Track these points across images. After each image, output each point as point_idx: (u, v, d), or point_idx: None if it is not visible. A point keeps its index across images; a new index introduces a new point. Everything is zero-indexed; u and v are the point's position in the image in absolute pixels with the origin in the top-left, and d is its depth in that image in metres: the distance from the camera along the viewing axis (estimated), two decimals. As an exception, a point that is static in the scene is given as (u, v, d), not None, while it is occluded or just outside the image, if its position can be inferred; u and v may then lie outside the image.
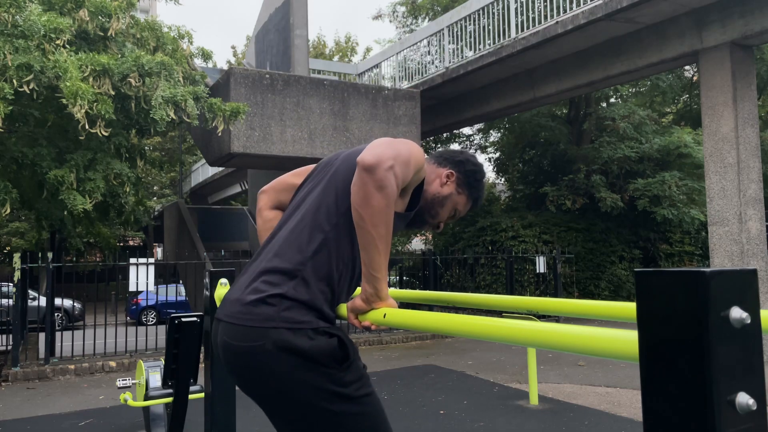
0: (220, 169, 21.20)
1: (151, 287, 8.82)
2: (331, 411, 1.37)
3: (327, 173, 1.61)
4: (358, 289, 1.51)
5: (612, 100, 17.35)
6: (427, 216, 1.71)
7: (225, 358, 1.46)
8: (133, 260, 8.50)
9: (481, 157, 20.72)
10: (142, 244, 28.20)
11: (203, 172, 26.26)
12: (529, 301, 1.57)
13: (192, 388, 3.10)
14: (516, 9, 10.69)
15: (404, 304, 1.98)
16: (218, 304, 2.14)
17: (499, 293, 13.32)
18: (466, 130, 20.22)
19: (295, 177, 1.83)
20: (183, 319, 2.80)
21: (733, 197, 8.20)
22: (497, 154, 19.75)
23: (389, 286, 1.41)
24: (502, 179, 20.06)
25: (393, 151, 1.39)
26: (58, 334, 8.72)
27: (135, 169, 8.42)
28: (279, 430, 1.47)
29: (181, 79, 7.71)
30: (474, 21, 11.73)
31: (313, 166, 1.78)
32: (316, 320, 1.41)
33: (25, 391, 6.91)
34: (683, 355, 0.59)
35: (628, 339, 0.70)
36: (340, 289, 1.50)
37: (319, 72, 15.48)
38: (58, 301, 12.02)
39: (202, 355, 2.57)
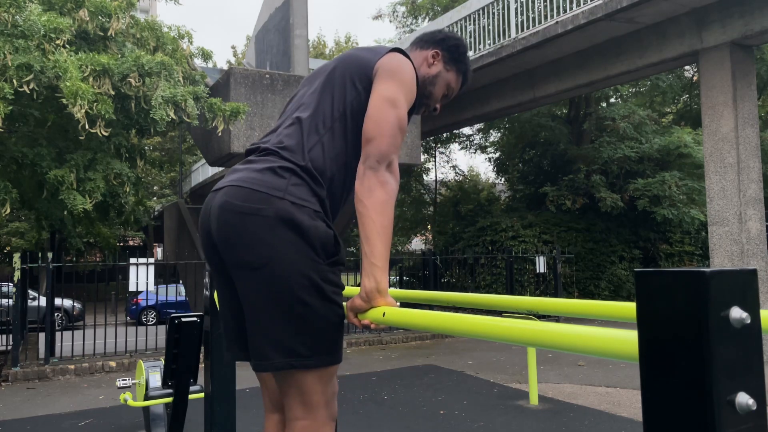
0: (220, 169, 21.17)
1: (151, 287, 8.82)
2: (301, 299, 1.38)
3: (323, 73, 1.65)
4: (357, 289, 1.51)
5: (612, 100, 17.35)
6: (423, 99, 1.75)
7: (220, 217, 1.44)
8: (133, 260, 8.50)
9: (481, 157, 20.72)
10: (142, 244, 28.20)
11: (203, 172, 26.24)
12: (529, 301, 1.57)
13: (192, 388, 3.10)
14: (516, 9, 10.69)
15: (404, 304, 1.98)
16: (218, 304, 2.14)
17: (499, 293, 13.32)
18: (466, 130, 20.23)
19: None
20: (183, 319, 2.80)
21: (733, 197, 8.20)
22: (497, 154, 19.76)
23: (389, 286, 1.41)
24: (502, 179, 20.06)
25: (395, 138, 1.45)
26: (58, 334, 8.72)
27: (135, 169, 8.42)
28: (244, 303, 1.44)
29: (181, 79, 7.71)
30: (474, 21, 11.73)
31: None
32: (318, 205, 1.45)
33: (25, 391, 6.91)
34: (683, 355, 0.59)
35: (628, 339, 0.70)
36: (333, 192, 1.53)
37: (319, 72, 15.46)
38: (58, 301, 12.02)
39: (202, 355, 2.57)
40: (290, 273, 1.37)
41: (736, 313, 0.59)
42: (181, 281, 13.06)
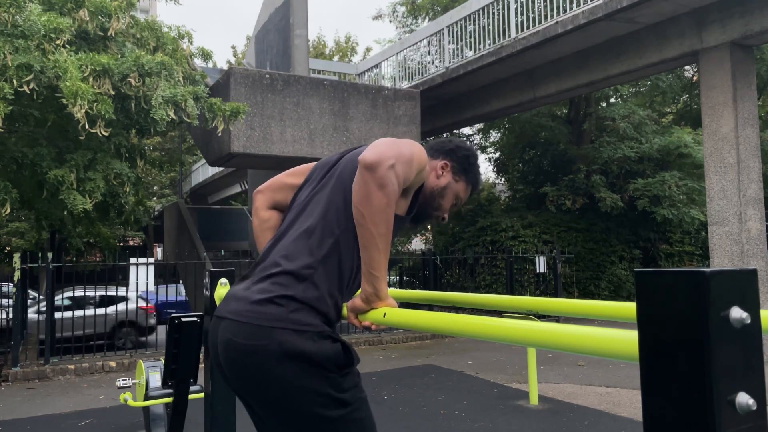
0: (220, 169, 21.19)
1: (151, 287, 8.82)
2: (327, 417, 1.37)
3: (333, 174, 1.61)
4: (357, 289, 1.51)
5: (612, 100, 17.34)
6: (430, 210, 1.72)
7: (226, 356, 1.44)
8: (133, 260, 8.50)
9: (481, 157, 20.70)
10: (142, 244, 28.19)
11: (203, 172, 26.26)
12: (529, 301, 1.57)
13: (192, 388, 3.10)
14: (516, 9, 10.69)
15: (404, 304, 1.98)
16: (218, 304, 2.14)
17: (499, 293, 13.33)
18: (466, 130, 20.21)
19: (290, 177, 1.82)
20: (183, 319, 2.79)
21: (733, 197, 8.20)
22: (497, 154, 19.75)
23: (389, 286, 1.40)
24: (502, 179, 20.06)
25: (395, 151, 1.39)
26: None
27: (135, 169, 8.42)
28: (273, 430, 1.46)
29: (181, 79, 7.71)
30: (474, 21, 11.73)
31: (310, 165, 1.78)
32: (322, 324, 1.41)
33: (25, 391, 6.91)
34: (683, 355, 0.59)
35: (628, 339, 0.70)
36: (347, 293, 1.51)
37: (319, 72, 15.48)
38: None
39: (202, 355, 2.57)
40: (308, 397, 1.37)
41: (736, 313, 0.59)
42: (181, 281, 13.07)
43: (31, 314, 9.63)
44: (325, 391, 1.37)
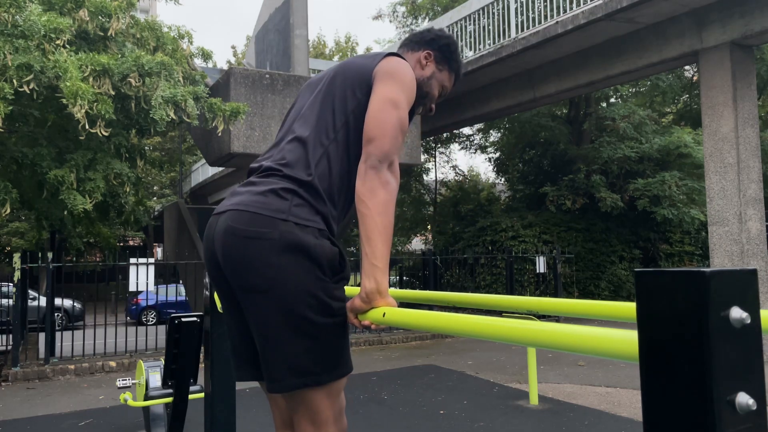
0: (220, 169, 21.20)
1: (151, 287, 8.82)
2: (310, 319, 1.39)
3: (324, 84, 1.64)
4: (357, 289, 1.51)
5: (612, 100, 17.34)
6: (419, 100, 1.75)
7: (225, 242, 1.44)
8: (133, 260, 8.50)
9: (481, 157, 20.71)
10: (142, 244, 28.20)
11: (203, 172, 26.25)
12: (529, 301, 1.57)
13: (192, 388, 3.10)
14: (516, 9, 10.69)
15: (404, 304, 1.98)
16: (218, 304, 2.14)
17: (499, 293, 13.33)
18: (466, 130, 20.23)
19: None
20: (183, 319, 2.80)
21: (733, 197, 8.20)
22: (497, 154, 19.75)
23: (389, 285, 1.41)
24: (502, 179, 20.06)
25: (398, 139, 1.45)
26: (58, 334, 8.72)
27: (135, 169, 8.42)
28: (252, 325, 1.45)
29: (181, 79, 7.71)
30: (474, 21, 11.73)
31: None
32: (322, 223, 1.45)
33: (25, 391, 6.91)
34: (683, 355, 0.59)
35: (628, 339, 0.70)
36: (339, 205, 1.54)
37: (319, 72, 15.48)
38: (58, 301, 12.01)
39: (202, 355, 2.57)
40: (298, 294, 1.38)
41: (736, 313, 0.59)
42: (181, 281, 13.06)
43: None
44: (315, 293, 1.39)
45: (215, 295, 2.18)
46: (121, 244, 26.39)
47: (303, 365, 1.40)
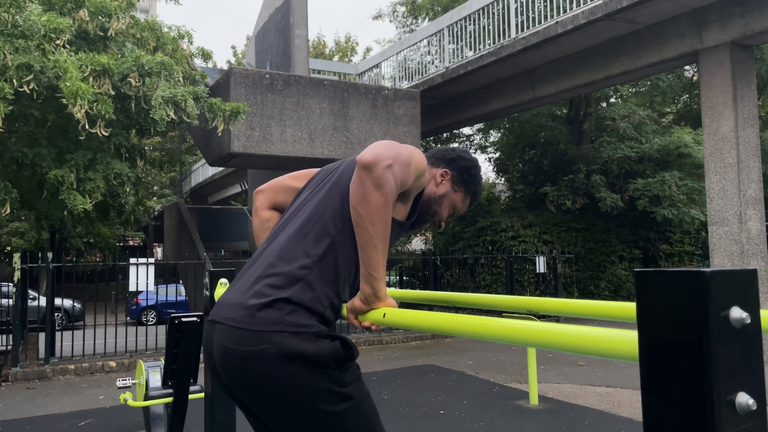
0: (220, 169, 21.20)
1: (151, 287, 8.82)
2: (333, 412, 1.37)
3: (331, 177, 1.61)
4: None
5: (612, 100, 17.35)
6: (426, 216, 1.72)
7: (223, 364, 1.42)
8: (133, 260, 8.50)
9: (481, 157, 20.72)
10: (142, 244, 28.21)
11: (203, 172, 26.26)
12: (529, 301, 1.57)
13: (192, 388, 3.10)
14: (516, 9, 10.69)
15: (404, 304, 1.98)
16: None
17: (499, 293, 13.33)
18: (466, 130, 20.23)
19: (293, 180, 1.82)
20: (183, 319, 2.79)
21: (733, 197, 8.20)
22: (497, 154, 19.76)
23: (389, 285, 1.40)
24: (502, 179, 20.06)
25: (392, 152, 1.39)
26: (58, 334, 8.72)
27: (135, 169, 8.42)
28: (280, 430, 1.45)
29: (181, 79, 7.71)
30: (474, 21, 11.73)
31: (314, 170, 1.78)
32: (319, 324, 1.40)
33: (25, 391, 6.91)
34: (683, 355, 0.59)
35: (628, 339, 0.70)
36: (344, 293, 1.50)
37: (319, 72, 15.48)
38: (58, 301, 12.02)
39: (202, 355, 2.57)
40: (311, 396, 1.36)
41: (736, 313, 0.59)
42: (181, 281, 13.06)
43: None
44: (327, 387, 1.37)
45: (215, 296, 2.18)
46: (121, 244, 26.39)
47: None
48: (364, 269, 1.38)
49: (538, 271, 12.40)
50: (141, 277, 8.46)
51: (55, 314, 9.49)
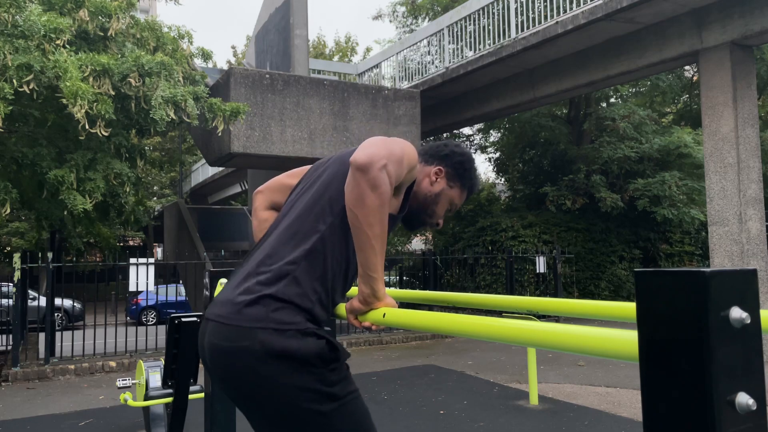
0: (220, 169, 21.19)
1: (151, 287, 8.82)
2: (319, 411, 1.37)
3: (321, 174, 1.61)
4: (355, 289, 1.51)
5: (612, 100, 17.34)
6: (424, 216, 1.71)
7: (211, 359, 1.44)
8: (133, 260, 8.50)
9: (481, 157, 20.72)
10: (142, 244, 28.20)
11: (203, 172, 26.25)
12: (529, 301, 1.57)
13: (192, 388, 3.10)
14: (516, 9, 10.69)
15: (404, 304, 1.98)
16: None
17: (499, 293, 13.33)
18: (466, 130, 20.22)
19: (290, 178, 1.82)
20: (183, 319, 2.79)
21: (733, 197, 8.20)
22: (497, 154, 19.75)
23: (388, 286, 1.40)
24: (502, 179, 20.06)
25: (386, 150, 1.39)
26: (58, 334, 8.72)
27: (135, 169, 8.41)
28: (265, 430, 1.44)
29: (181, 79, 7.70)
30: (474, 21, 11.73)
31: (308, 167, 1.78)
32: (305, 321, 1.40)
33: (25, 391, 6.91)
34: (683, 355, 0.59)
35: (628, 339, 0.70)
36: (334, 289, 1.49)
37: (319, 72, 15.48)
38: (58, 301, 12.02)
39: (202, 355, 2.56)
40: (295, 393, 1.36)
41: (736, 313, 0.59)
42: (181, 281, 13.06)
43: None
44: (313, 387, 1.37)
45: (215, 296, 2.18)
46: (121, 244, 26.38)
47: None
48: (363, 270, 1.37)
49: (538, 271, 12.40)
50: (141, 277, 8.46)
51: (55, 314, 9.49)
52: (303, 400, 1.36)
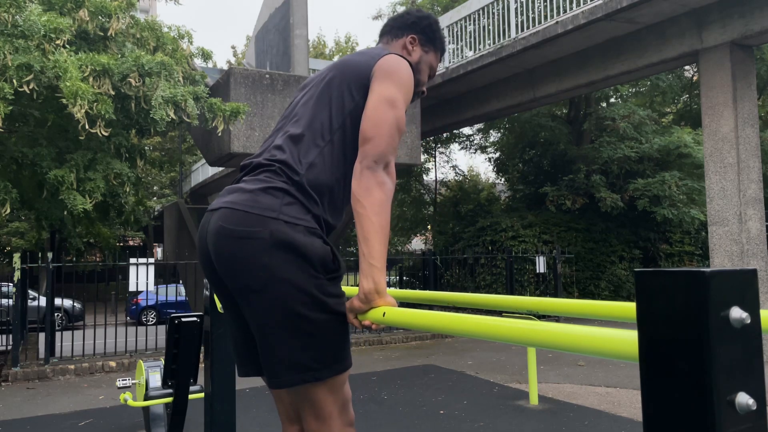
0: (220, 169, 21.18)
1: (151, 287, 8.82)
2: (306, 316, 1.39)
3: (323, 81, 1.63)
4: (355, 289, 1.51)
5: (612, 100, 17.34)
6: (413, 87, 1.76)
7: (217, 243, 1.44)
8: (133, 260, 8.50)
9: (480, 157, 20.71)
10: (142, 244, 28.20)
11: (203, 172, 26.23)
12: (529, 301, 1.57)
13: (192, 388, 3.10)
14: (516, 9, 10.69)
15: (404, 304, 1.98)
16: (218, 304, 2.14)
17: (499, 293, 13.33)
18: (466, 130, 20.22)
19: None
20: (183, 319, 2.80)
21: (733, 197, 8.20)
22: (497, 154, 19.75)
23: (388, 286, 1.43)
24: (502, 179, 20.05)
25: (394, 140, 1.45)
26: (58, 334, 8.72)
27: (135, 169, 8.41)
28: (251, 324, 1.45)
29: (181, 79, 7.70)
30: (474, 21, 11.73)
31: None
32: (313, 222, 1.45)
33: (25, 391, 6.91)
34: (683, 355, 0.59)
35: (628, 339, 0.70)
36: (334, 203, 1.54)
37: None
38: (58, 301, 12.02)
39: (202, 355, 2.57)
40: (291, 292, 1.38)
41: (736, 313, 0.59)
42: (181, 281, 13.07)
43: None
44: (309, 290, 1.39)
45: (215, 295, 2.18)
46: (121, 244, 26.39)
47: (301, 362, 1.40)
48: (366, 261, 1.38)
49: (538, 271, 12.40)
50: (141, 277, 8.46)
51: (55, 314, 9.49)
52: (295, 302, 1.38)
